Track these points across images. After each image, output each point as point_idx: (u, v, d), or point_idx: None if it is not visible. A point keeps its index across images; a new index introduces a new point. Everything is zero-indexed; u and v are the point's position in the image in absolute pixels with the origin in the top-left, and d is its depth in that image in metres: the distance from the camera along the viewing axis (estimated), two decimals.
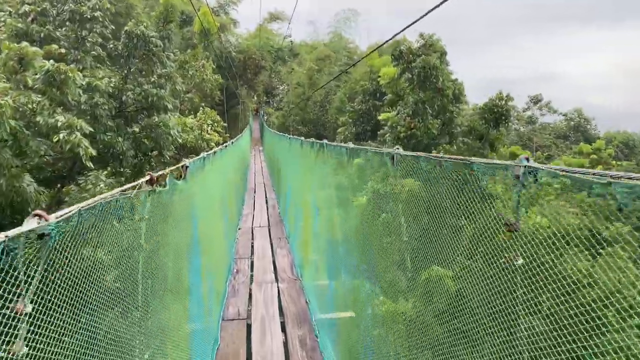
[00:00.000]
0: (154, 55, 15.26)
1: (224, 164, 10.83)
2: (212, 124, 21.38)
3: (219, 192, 9.00)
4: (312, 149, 7.71)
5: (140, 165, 15.86)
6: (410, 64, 17.06)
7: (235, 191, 13.14)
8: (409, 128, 16.79)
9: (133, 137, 15.06)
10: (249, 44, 51.22)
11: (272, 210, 14.46)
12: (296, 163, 10.55)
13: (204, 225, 6.21)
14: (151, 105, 14.85)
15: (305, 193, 9.17)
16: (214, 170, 8.17)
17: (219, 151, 8.69)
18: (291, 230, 10.94)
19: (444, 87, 16.66)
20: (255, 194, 17.65)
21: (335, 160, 6.29)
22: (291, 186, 11.87)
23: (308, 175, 8.46)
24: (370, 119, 25.36)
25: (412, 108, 16.79)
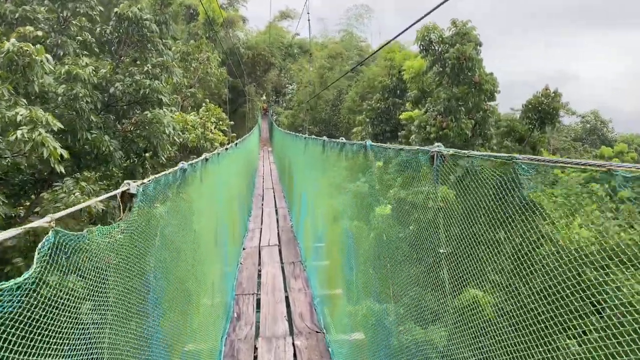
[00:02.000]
0: (148, 42, 13.22)
1: (227, 171, 8.76)
2: (217, 122, 19.33)
3: (219, 213, 6.93)
4: (341, 152, 5.61)
5: (132, 168, 13.83)
6: (442, 54, 14.88)
7: (240, 204, 11.06)
8: (440, 128, 14.63)
9: (123, 136, 13.02)
10: (258, 40, 49.22)
11: (283, 222, 12.34)
12: (315, 170, 8.44)
13: (187, 271, 4.14)
14: (144, 99, 12.81)
15: (331, 210, 7.08)
16: (210, 184, 6.11)
17: (215, 157, 6.60)
18: (308, 253, 8.83)
19: (482, 81, 14.47)
20: (263, 202, 15.56)
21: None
22: (307, 197, 9.76)
23: (336, 189, 6.35)
24: (389, 119, 23.22)
25: (444, 105, 14.62)
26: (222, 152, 7.93)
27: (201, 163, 5.16)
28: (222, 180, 8.14)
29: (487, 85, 14.57)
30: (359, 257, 5.35)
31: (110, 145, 11.96)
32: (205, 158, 5.52)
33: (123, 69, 13.01)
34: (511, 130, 14.95)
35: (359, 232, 5.33)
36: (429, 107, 15.55)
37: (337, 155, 5.83)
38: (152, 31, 13.06)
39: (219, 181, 7.67)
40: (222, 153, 7.79)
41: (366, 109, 24.35)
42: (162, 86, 12.43)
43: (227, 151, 8.51)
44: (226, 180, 8.89)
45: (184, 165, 4.13)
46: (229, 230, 8.42)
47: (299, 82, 56.89)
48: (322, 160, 7.31)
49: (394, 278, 4.07)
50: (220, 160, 7.68)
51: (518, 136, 14.86)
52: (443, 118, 14.80)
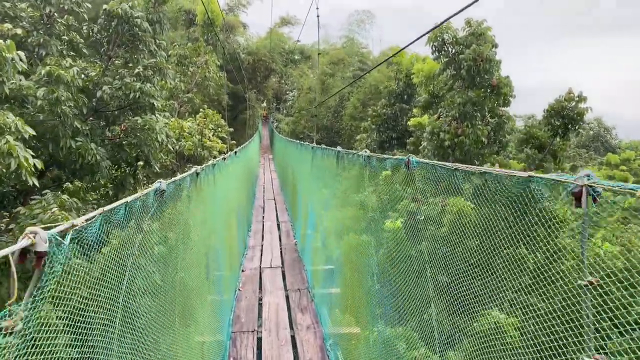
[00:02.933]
0: (140, 42, 12.19)
1: (224, 185, 7.69)
2: (215, 129, 18.28)
3: (213, 236, 5.85)
4: (365, 168, 4.54)
5: (123, 178, 12.77)
6: (456, 56, 13.84)
7: (240, 219, 9.97)
8: (455, 135, 13.56)
9: (112, 143, 11.97)
10: (258, 46, 48.30)
11: (286, 239, 11.24)
12: (326, 184, 7.36)
13: (166, 326, 3.06)
14: (135, 103, 11.77)
15: (345, 229, 6.03)
16: (203, 201, 5.04)
17: (209, 169, 5.53)
18: (316, 279, 7.73)
19: (501, 84, 13.42)
20: (264, 215, 14.46)
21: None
22: (315, 213, 8.68)
23: (355, 209, 5.30)
24: (396, 125, 22.16)
25: (459, 110, 13.56)
26: (219, 162, 6.85)
27: (190, 179, 4.08)
28: (218, 196, 7.07)
29: (505, 89, 13.52)
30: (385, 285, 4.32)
31: (97, 154, 10.90)
32: (196, 172, 4.44)
33: (113, 71, 11.98)
34: (530, 137, 13.87)
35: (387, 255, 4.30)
36: (442, 113, 14.49)
37: (359, 170, 4.76)
38: (144, 30, 12.04)
39: (214, 197, 6.60)
40: (218, 164, 6.71)
41: (371, 115, 23.31)
42: (154, 89, 11.39)
43: (224, 162, 7.43)
44: (224, 195, 7.82)
45: (161, 185, 3.05)
46: (226, 252, 7.33)
47: (300, 88, 55.96)
48: (336, 174, 6.24)
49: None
50: (217, 173, 6.61)
51: (538, 143, 13.78)
52: (458, 124, 13.73)
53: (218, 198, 6.97)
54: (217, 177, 6.76)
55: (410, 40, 6.19)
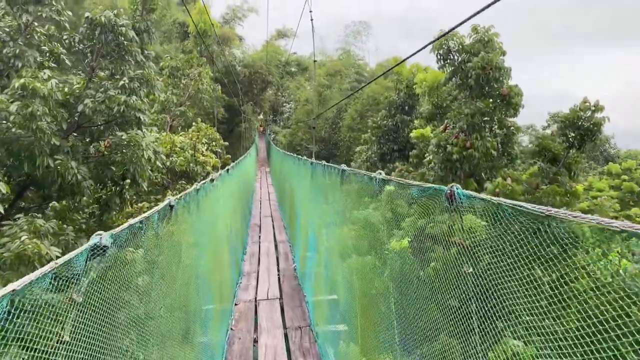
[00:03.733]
0: (125, 52, 11.38)
1: (214, 210, 6.82)
2: (209, 143, 17.42)
3: (200, 271, 4.98)
4: (380, 193, 3.69)
5: (108, 198, 11.85)
6: (464, 64, 13.07)
7: (233, 243, 9.06)
8: (464, 147, 12.74)
9: (95, 161, 11.09)
10: (254, 58, 47.74)
11: (285, 262, 10.33)
12: (329, 206, 6.50)
13: None
14: (122, 117, 10.91)
15: (355, 257, 5.21)
16: (186, 233, 4.19)
17: (192, 196, 4.65)
18: (319, 314, 6.82)
19: (512, 94, 12.63)
20: (261, 234, 13.55)
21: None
22: (317, 236, 7.80)
23: (366, 235, 4.48)
24: (397, 137, 21.37)
25: (467, 121, 12.75)
26: (205, 186, 5.98)
27: (158, 216, 3.20)
28: (206, 223, 6.19)
29: (516, 99, 12.73)
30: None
31: (78, 173, 10.02)
32: (169, 205, 3.56)
33: (96, 83, 11.14)
34: (543, 149, 13.05)
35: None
36: (448, 124, 13.68)
37: (364, 189, 3.92)
38: (130, 39, 11.23)
39: (200, 226, 5.73)
40: (204, 187, 5.84)
41: (371, 126, 22.52)
42: (140, 102, 10.54)
43: (213, 184, 6.55)
44: (213, 221, 6.94)
45: (102, 240, 2.15)
46: (215, 287, 6.43)
47: (297, 100, 55.40)
48: (341, 196, 5.38)
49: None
50: (203, 198, 5.74)
51: (551, 156, 12.95)
52: (467, 136, 12.91)
53: (205, 226, 6.10)
54: (203, 202, 5.89)
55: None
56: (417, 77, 16.77)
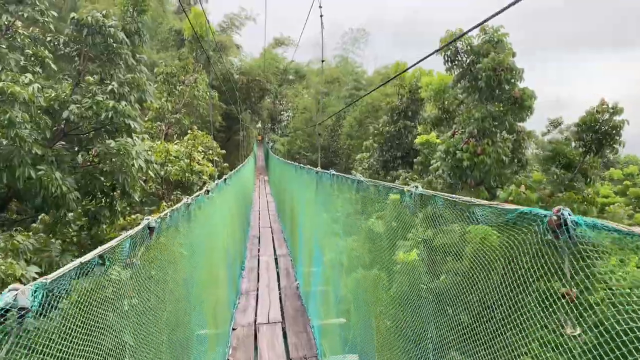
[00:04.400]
0: (115, 56, 10.68)
1: (209, 225, 6.10)
2: (205, 152, 16.70)
3: (193, 296, 4.26)
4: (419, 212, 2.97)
5: (97, 211, 11.09)
6: (473, 65, 12.41)
7: (231, 259, 8.31)
8: (475, 154, 12.04)
9: (83, 172, 10.36)
10: (252, 66, 47.16)
11: (286, 279, 9.57)
12: (340, 224, 5.77)
13: None
14: (112, 124, 10.18)
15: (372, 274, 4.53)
16: (178, 252, 3.48)
17: (182, 212, 3.93)
18: (327, 341, 6.06)
19: (525, 96, 11.95)
20: (260, 247, 12.80)
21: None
22: (323, 254, 7.06)
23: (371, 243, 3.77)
24: (400, 143, 20.67)
25: (478, 126, 12.07)
26: (198, 199, 5.25)
27: (130, 243, 2.46)
28: (201, 238, 5.47)
29: (528, 101, 12.05)
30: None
31: (64, 184, 9.28)
32: (148, 226, 2.82)
33: (83, 88, 10.43)
34: (557, 155, 12.36)
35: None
36: (457, 129, 12.99)
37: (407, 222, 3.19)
38: (120, 41, 10.54)
39: (195, 243, 5.01)
40: (197, 200, 5.11)
41: (373, 132, 21.84)
42: (129, 108, 9.82)
43: (207, 196, 5.82)
44: (209, 236, 6.20)
45: (18, 299, 1.41)
46: (210, 310, 5.68)
47: (295, 108, 54.83)
48: (353, 209, 4.67)
49: None
50: (196, 212, 5.01)
51: (566, 161, 12.25)
52: (477, 142, 12.22)
53: (199, 243, 5.36)
54: (196, 216, 5.17)
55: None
56: (422, 80, 16.11)
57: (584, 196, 11.84)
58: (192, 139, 15.69)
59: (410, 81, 20.13)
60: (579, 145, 11.91)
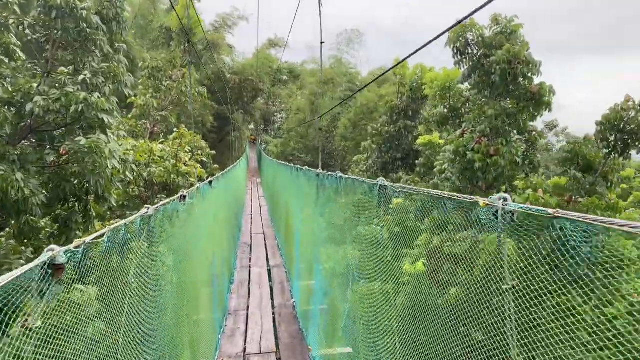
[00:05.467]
0: (89, 42, 9.52)
1: (193, 234, 4.99)
2: (192, 151, 15.53)
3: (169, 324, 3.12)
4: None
5: (68, 217, 9.89)
6: (485, 59, 11.37)
7: (215, 277, 7.15)
8: (488, 155, 10.98)
9: (50, 172, 9.17)
10: (245, 65, 45.99)
11: (281, 296, 8.43)
12: (345, 233, 4.67)
13: None
14: (85, 119, 9.01)
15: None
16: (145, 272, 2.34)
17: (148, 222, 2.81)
18: None
19: (543, 92, 10.92)
20: (252, 256, 11.66)
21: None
22: (322, 267, 5.97)
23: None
24: (399, 144, 19.61)
25: (491, 124, 11.02)
26: (174, 204, 4.13)
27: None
28: (178, 252, 4.36)
29: (547, 98, 11.00)
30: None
31: (26, 186, 8.09)
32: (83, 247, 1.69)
33: (52, 79, 9.25)
34: (576, 156, 11.33)
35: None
36: (466, 128, 11.94)
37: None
38: (94, 27, 9.37)
39: (167, 258, 3.91)
40: (172, 207, 3.99)
41: (371, 133, 20.76)
42: (103, 101, 8.64)
43: (185, 201, 4.69)
44: (189, 249, 5.08)
45: None
46: (184, 349, 4.54)
47: (289, 109, 53.79)
48: (376, 216, 3.58)
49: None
50: (169, 222, 3.90)
51: (585, 163, 11.23)
52: (489, 141, 11.17)
53: (175, 258, 4.24)
54: (167, 229, 4.06)
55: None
56: (427, 76, 15.05)
57: (607, 202, 10.82)
58: (179, 138, 14.52)
59: (412, 79, 19.09)
60: (602, 145, 10.86)
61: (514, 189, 12.27)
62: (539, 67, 10.95)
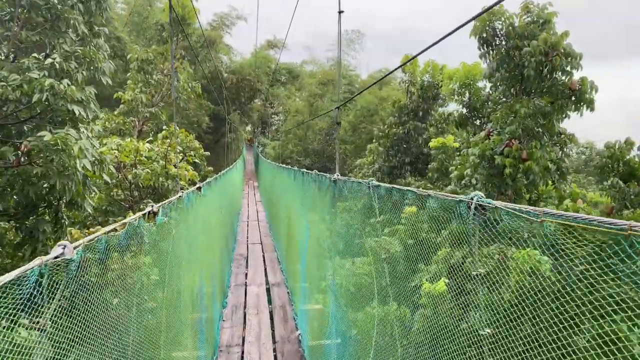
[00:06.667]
0: (61, 22, 8.11)
1: (174, 260, 3.58)
2: (185, 152, 14.12)
3: None
4: None
5: (35, 225, 8.44)
6: (515, 50, 10.03)
7: (203, 304, 5.74)
8: (520, 159, 9.63)
9: (11, 173, 7.75)
10: (243, 64, 44.60)
11: (283, 325, 7.01)
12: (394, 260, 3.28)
13: None
14: (51, 110, 7.60)
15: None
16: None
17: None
18: None
19: (584, 88, 9.57)
20: (248, 271, 10.25)
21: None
22: (343, 292, 4.59)
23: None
24: (408, 147, 18.25)
25: (522, 125, 9.69)
26: (136, 225, 2.72)
27: None
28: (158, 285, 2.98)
29: (589, 94, 9.66)
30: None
31: None
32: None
33: (15, 64, 7.81)
34: (616, 162, 9.99)
35: None
36: (493, 129, 10.58)
37: None
38: (67, 4, 7.97)
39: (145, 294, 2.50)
40: (135, 231, 2.57)
41: (378, 135, 19.39)
42: (73, 89, 7.22)
43: (157, 221, 3.30)
44: (167, 278, 3.70)
45: None
46: None
47: (287, 111, 52.45)
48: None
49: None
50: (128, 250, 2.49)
51: (627, 170, 9.89)
52: (521, 144, 9.81)
53: (150, 289, 2.84)
54: (135, 258, 2.66)
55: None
56: (446, 72, 13.70)
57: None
58: (168, 137, 13.11)
59: (423, 76, 17.75)
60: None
61: (540, 197, 10.94)
62: (579, 59, 9.61)
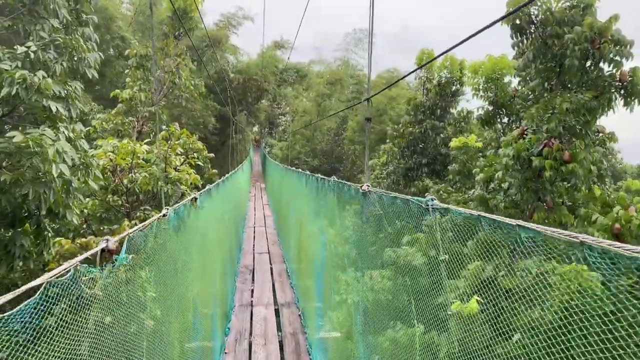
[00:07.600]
0: (37, 5, 7.09)
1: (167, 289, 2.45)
2: (187, 154, 13.09)
3: None
4: None
5: (12, 239, 7.42)
6: (554, 39, 8.87)
7: (201, 335, 4.65)
8: (561, 160, 8.47)
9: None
10: (250, 64, 43.59)
11: (294, 358, 5.91)
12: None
13: None
14: (29, 107, 6.57)
15: None
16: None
17: None
18: None
19: (636, 79, 8.38)
20: (254, 288, 9.16)
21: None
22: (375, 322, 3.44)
23: None
24: (425, 148, 17.11)
25: (562, 122, 8.52)
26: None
27: None
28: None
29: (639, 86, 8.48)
30: None
31: None
32: None
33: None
34: None
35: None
36: (528, 127, 9.42)
37: None
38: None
39: None
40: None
41: (392, 135, 18.27)
42: (48, 82, 6.18)
43: (120, 260, 2.23)
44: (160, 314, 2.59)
45: None
46: None
47: (295, 111, 51.46)
48: None
49: None
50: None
51: None
52: (562, 144, 8.65)
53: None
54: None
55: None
56: (471, 66, 12.55)
57: None
58: (169, 137, 12.09)
59: (441, 72, 16.61)
60: None
61: (575, 203, 9.78)
62: (630, 48, 8.43)
